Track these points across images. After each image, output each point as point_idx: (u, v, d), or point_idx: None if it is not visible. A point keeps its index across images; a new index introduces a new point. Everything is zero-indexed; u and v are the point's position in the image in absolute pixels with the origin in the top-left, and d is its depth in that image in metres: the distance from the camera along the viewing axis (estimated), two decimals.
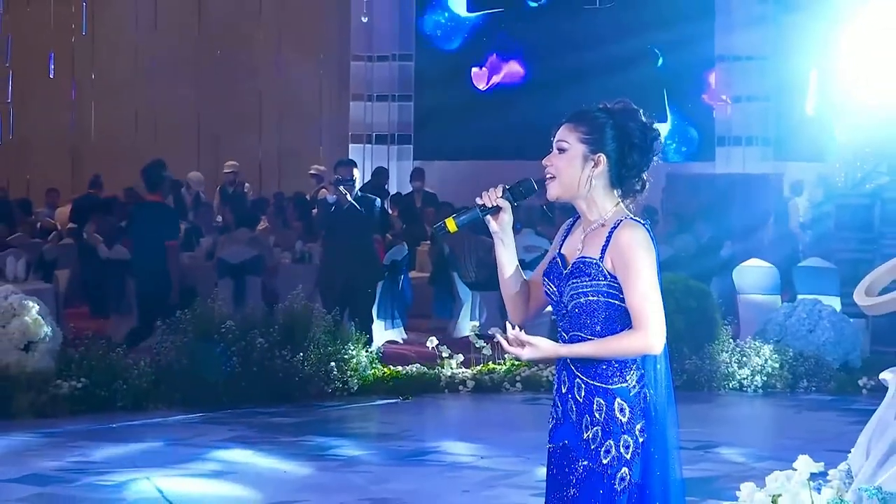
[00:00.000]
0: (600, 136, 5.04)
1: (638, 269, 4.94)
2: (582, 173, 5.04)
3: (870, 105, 19.71)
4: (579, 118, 5.08)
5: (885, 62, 19.51)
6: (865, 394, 14.05)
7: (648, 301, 4.93)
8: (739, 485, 7.71)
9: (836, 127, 21.20)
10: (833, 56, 20.80)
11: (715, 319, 15.29)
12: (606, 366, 4.98)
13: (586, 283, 4.99)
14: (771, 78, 24.11)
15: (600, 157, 5.03)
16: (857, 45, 20.07)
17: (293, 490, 10.26)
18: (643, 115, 5.11)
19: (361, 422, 13.07)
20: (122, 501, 9.82)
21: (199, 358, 13.61)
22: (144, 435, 12.21)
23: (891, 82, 19.44)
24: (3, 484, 10.29)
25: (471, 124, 25.13)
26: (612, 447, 4.96)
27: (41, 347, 13.38)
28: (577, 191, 5.06)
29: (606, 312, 4.99)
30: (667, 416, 5.09)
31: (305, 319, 14.17)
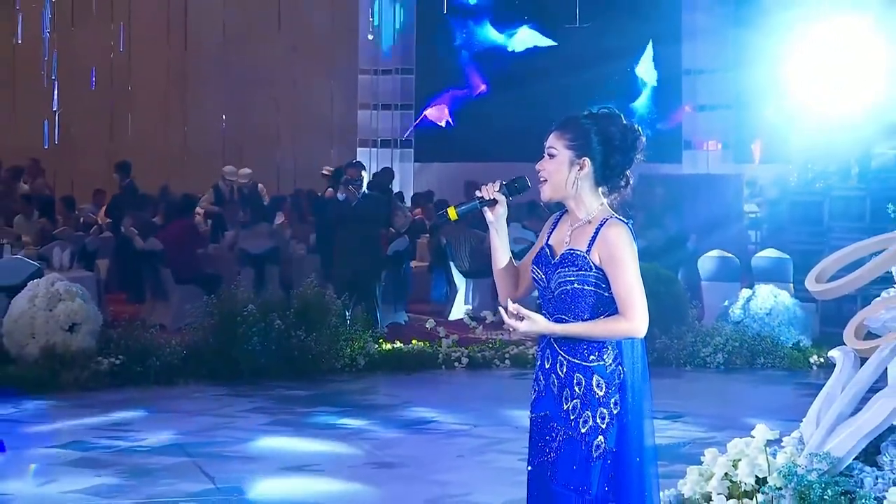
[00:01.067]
0: (585, 141, 5.06)
1: (624, 264, 4.98)
2: (569, 176, 5.07)
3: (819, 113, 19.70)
4: (565, 126, 5.10)
5: (831, 75, 19.51)
6: (815, 370, 14.08)
7: (634, 291, 4.97)
8: (704, 450, 7.73)
9: (789, 132, 21.17)
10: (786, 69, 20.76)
11: (682, 304, 15.34)
12: (586, 346, 5.02)
13: (573, 273, 5.03)
14: (731, 89, 24.11)
15: (585, 161, 5.06)
16: (807, 60, 20.05)
17: (307, 455, 10.27)
18: (625, 119, 5.13)
19: (367, 394, 13.07)
20: (155, 464, 9.81)
21: (224, 337, 13.63)
22: (175, 406, 12.23)
23: (837, 93, 19.43)
24: (52, 449, 10.33)
25: (464, 130, 25.15)
26: (589, 418, 4.99)
27: (84, 328, 13.39)
28: (566, 191, 5.09)
29: (594, 300, 5.02)
30: (642, 390, 5.12)
31: (318, 304, 14.17)
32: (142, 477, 9.42)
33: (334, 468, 9.84)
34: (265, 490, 9.08)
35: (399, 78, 27.07)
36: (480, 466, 9.75)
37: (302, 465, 9.90)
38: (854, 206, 18.06)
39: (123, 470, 9.64)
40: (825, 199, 18.63)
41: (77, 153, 25.86)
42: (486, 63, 26.16)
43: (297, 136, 26.34)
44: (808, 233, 18.28)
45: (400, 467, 9.86)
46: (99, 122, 26.40)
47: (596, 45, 24.45)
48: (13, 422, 11.49)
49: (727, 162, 24.29)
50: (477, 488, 8.73)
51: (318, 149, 26.35)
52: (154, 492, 9.00)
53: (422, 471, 9.66)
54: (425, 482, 9.24)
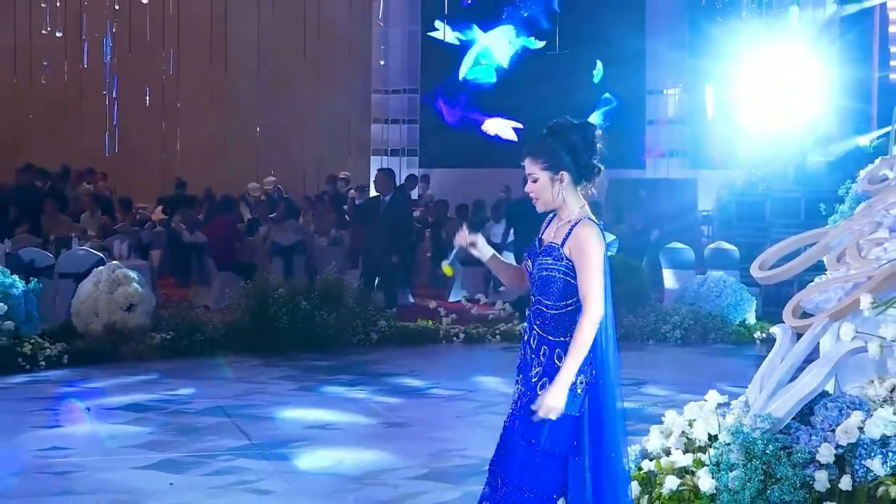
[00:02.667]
0: (556, 159, 5.09)
1: (589, 258, 4.99)
2: (553, 191, 5.11)
3: (762, 126, 19.73)
4: (535, 152, 5.14)
5: (772, 94, 19.53)
6: (758, 344, 14.08)
7: (593, 282, 4.97)
8: (664, 412, 7.73)
9: (736, 143, 21.18)
10: (734, 90, 20.78)
11: (645, 288, 15.36)
12: (555, 325, 5.05)
13: (549, 262, 5.07)
14: (687, 106, 24.09)
15: (563, 175, 5.09)
16: (751, 82, 20.07)
17: (327, 416, 10.27)
18: (576, 121, 5.18)
19: (379, 365, 13.06)
20: (200, 423, 9.82)
21: (258, 316, 13.63)
22: (217, 374, 12.24)
23: (777, 110, 19.46)
24: (112, 410, 10.34)
25: (462, 141, 25.11)
26: (546, 384, 4.98)
27: (140, 309, 13.39)
28: (554, 203, 5.13)
29: (563, 286, 5.04)
30: (606, 365, 5.09)
31: (338, 288, 14.17)
32: (189, 434, 9.44)
33: (351, 427, 9.86)
34: (293, 446, 9.08)
35: (406, 97, 27.06)
36: (474, 426, 9.75)
37: (324, 425, 9.91)
38: (791, 206, 18.09)
39: (173, 428, 9.66)
40: (767, 200, 18.68)
41: (133, 161, 25.84)
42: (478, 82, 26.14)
43: (320, 146, 26.33)
44: (753, 228, 18.32)
45: (406, 427, 9.87)
46: (151, 134, 26.39)
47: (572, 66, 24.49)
48: (82, 387, 11.52)
49: (684, 168, 24.26)
50: (471, 444, 8.71)
51: (338, 157, 26.38)
52: (199, 447, 9.01)
53: (425, 429, 9.66)
54: (428, 439, 9.25)
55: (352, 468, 8.37)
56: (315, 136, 26.41)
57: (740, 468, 6.30)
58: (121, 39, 25.91)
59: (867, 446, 6.33)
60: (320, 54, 26.71)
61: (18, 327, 12.50)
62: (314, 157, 26.54)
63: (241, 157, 26.02)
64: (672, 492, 6.62)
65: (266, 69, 27.08)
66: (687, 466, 6.85)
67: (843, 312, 7.05)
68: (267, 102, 26.75)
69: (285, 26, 26.85)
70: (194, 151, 26.18)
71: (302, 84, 26.67)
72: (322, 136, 26.32)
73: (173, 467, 8.34)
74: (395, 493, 7.66)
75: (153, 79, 26.43)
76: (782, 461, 6.26)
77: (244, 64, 27.13)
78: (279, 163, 25.52)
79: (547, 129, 5.17)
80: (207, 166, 24.92)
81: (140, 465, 8.41)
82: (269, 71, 27.06)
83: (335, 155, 26.38)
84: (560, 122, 5.17)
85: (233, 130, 26.79)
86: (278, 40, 26.86)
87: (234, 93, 27.03)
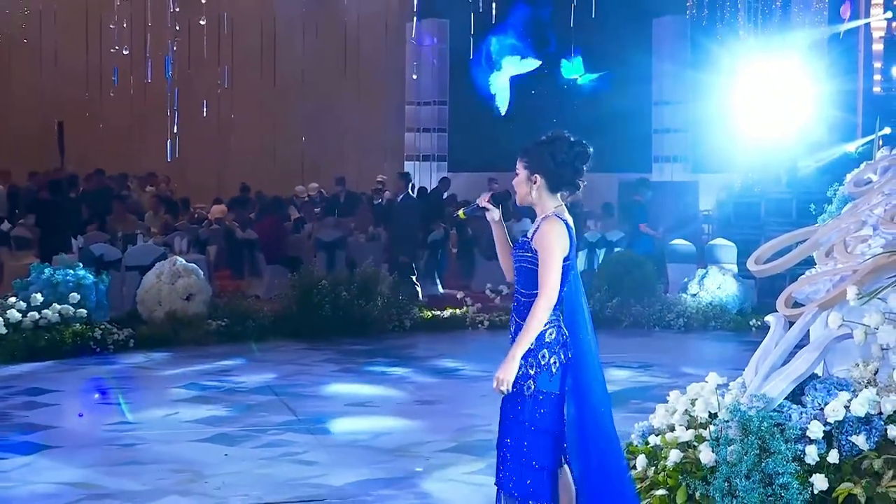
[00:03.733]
0: (538, 163, 5.17)
1: (548, 250, 5.04)
2: (527, 188, 5.20)
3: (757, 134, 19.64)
4: (525, 152, 5.25)
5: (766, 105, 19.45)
6: (754, 331, 13.99)
7: (547, 271, 5.02)
8: (669, 392, 7.70)
9: (734, 149, 21.11)
10: (732, 101, 20.69)
11: (651, 280, 15.28)
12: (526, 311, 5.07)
13: (522, 254, 5.17)
14: (690, 116, 23.99)
15: (537, 177, 5.17)
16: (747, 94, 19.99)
17: (365, 395, 10.30)
18: (570, 138, 5.22)
19: (411, 349, 13.08)
20: (251, 401, 9.85)
21: (303, 305, 13.65)
22: (266, 357, 12.27)
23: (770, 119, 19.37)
24: (174, 389, 10.38)
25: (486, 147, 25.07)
26: (522, 366, 5.08)
27: (198, 298, 13.44)
28: (529, 199, 5.22)
29: (534, 275, 5.10)
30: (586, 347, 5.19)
31: (375, 280, 14.17)
32: (242, 410, 9.47)
33: (386, 405, 9.87)
34: (334, 421, 9.10)
35: (436, 108, 27.06)
36: (497, 403, 9.70)
37: (362, 402, 9.92)
38: (784, 206, 17.98)
39: (228, 405, 9.69)
40: (762, 201, 18.58)
41: (191, 166, 25.97)
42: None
43: (359, 153, 26.37)
44: (749, 226, 18.22)
45: (436, 404, 9.87)
46: (207, 142, 26.50)
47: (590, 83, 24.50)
48: (146, 368, 11.58)
49: (686, 172, 24.19)
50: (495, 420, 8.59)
51: (375, 162, 26.41)
52: (251, 422, 9.04)
53: (453, 407, 9.66)
54: (456, 416, 9.24)
55: (387, 441, 8.38)
56: (354, 143, 26.45)
57: (738, 443, 6.28)
58: (181, 57, 26.05)
59: (852, 423, 6.30)
60: (359, 71, 26.80)
61: (90, 314, 12.57)
62: (354, 162, 26.58)
63: (287, 163, 26.11)
64: (676, 464, 6.60)
65: (310, 84, 27.15)
66: (689, 441, 6.84)
67: (831, 302, 7.02)
68: (311, 114, 26.82)
69: (328, 46, 26.94)
70: (246, 157, 26.28)
71: (342, 97, 26.73)
72: (360, 144, 26.37)
73: (227, 440, 8.37)
74: (427, 463, 7.67)
75: (209, 93, 26.57)
76: (776, 437, 6.24)
77: (291, 79, 27.22)
78: (322, 167, 25.57)
79: (545, 136, 5.25)
80: (258, 171, 24.99)
81: (197, 438, 8.44)
82: (313, 85, 27.13)
83: (372, 160, 26.42)
84: (556, 134, 5.24)
85: (280, 139, 26.89)
86: (322, 58, 26.94)
87: (282, 105, 27.10)
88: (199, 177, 25.59)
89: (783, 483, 6.10)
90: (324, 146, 26.73)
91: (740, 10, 20.89)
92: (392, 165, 26.51)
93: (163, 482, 7.18)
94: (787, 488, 6.10)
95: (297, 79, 27.19)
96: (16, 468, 7.53)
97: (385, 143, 27.18)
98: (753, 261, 7.80)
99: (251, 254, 17.28)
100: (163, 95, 25.94)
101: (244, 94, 27.13)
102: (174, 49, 25.80)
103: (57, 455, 7.89)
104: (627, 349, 12.75)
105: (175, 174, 24.46)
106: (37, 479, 7.25)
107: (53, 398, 9.88)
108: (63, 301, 12.36)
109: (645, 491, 6.58)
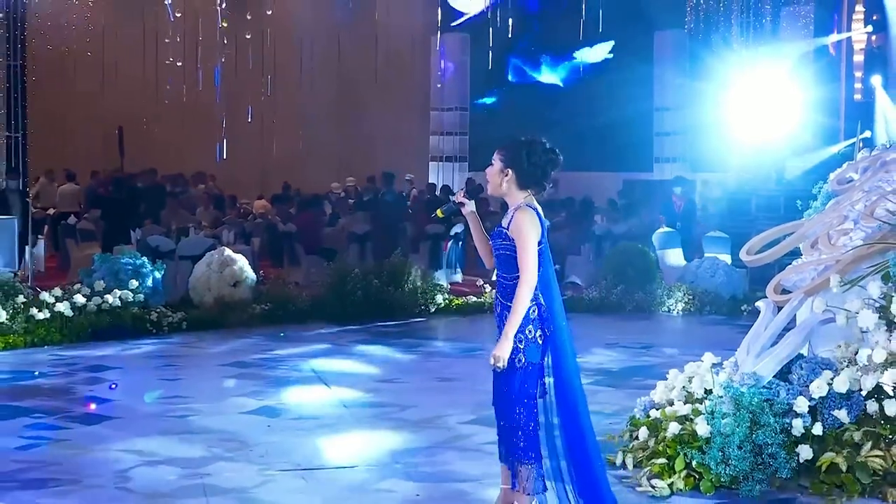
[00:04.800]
0: (511, 158, 5.24)
1: (524, 236, 5.12)
2: (499, 180, 5.28)
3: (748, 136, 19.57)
4: (502, 147, 5.33)
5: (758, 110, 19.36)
6: (746, 315, 13.88)
7: (525, 256, 5.10)
8: (668, 370, 7.68)
9: (729, 150, 21.04)
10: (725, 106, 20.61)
11: (652, 269, 15.21)
12: (510, 293, 5.16)
13: (500, 242, 5.24)
14: (688, 120, 23.88)
15: (509, 171, 5.24)
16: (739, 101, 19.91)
17: (393, 371, 10.29)
18: (546, 144, 5.28)
19: (436, 331, 13.08)
20: (290, 376, 9.87)
21: (338, 291, 13.66)
22: (305, 338, 12.28)
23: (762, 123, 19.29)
24: (221, 367, 10.41)
25: None
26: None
27: (244, 285, 13.47)
28: (499, 190, 5.30)
29: (512, 261, 5.17)
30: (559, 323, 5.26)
31: (402, 269, 14.17)
32: (283, 385, 9.48)
33: (411, 381, 9.86)
34: (365, 395, 9.11)
35: (458, 113, 27.07)
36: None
37: (391, 379, 9.90)
38: (773, 202, 17.94)
39: (270, 380, 9.71)
40: (753, 197, 18.52)
41: (237, 165, 26.05)
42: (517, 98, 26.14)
43: (387, 154, 26.31)
44: (741, 220, 18.15)
45: (456, 381, 9.86)
46: (252, 144, 26.60)
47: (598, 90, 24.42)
48: (197, 347, 11.62)
49: (685, 171, 24.09)
50: None
51: (402, 163, 26.38)
52: (290, 396, 9.06)
53: (471, 383, 9.62)
54: (474, 391, 9.20)
55: (413, 414, 8.38)
56: (383, 145, 26.45)
57: (731, 416, 6.26)
58: (228, 68, 26.12)
59: (835, 399, 6.28)
60: (388, 79, 26.80)
61: (147, 299, 12.62)
62: (383, 163, 26.57)
63: (323, 163, 26.12)
64: (675, 435, 6.59)
65: (344, 92, 27.21)
66: (687, 415, 6.82)
67: (816, 289, 6.99)
68: (344, 119, 26.89)
69: (359, 57, 26.97)
70: (286, 158, 26.33)
71: (373, 103, 26.75)
72: (389, 146, 26.35)
73: (270, 412, 8.39)
74: (449, 434, 7.67)
75: (254, 100, 26.64)
76: (765, 411, 6.22)
77: (327, 88, 27.28)
78: (354, 168, 25.58)
79: (524, 138, 5.31)
80: (297, 170, 25.00)
81: (243, 410, 8.46)
82: (346, 93, 27.19)
83: (400, 161, 26.39)
84: (534, 138, 5.31)
85: (317, 141, 26.93)
86: (354, 69, 26.98)
87: (319, 111, 27.16)
88: (244, 176, 25.65)
89: (772, 453, 6.08)
90: (356, 148, 26.76)
91: (734, 25, 20.83)
92: (419, 165, 26.53)
93: (212, 450, 7.21)
94: (776, 457, 6.08)
95: (332, 88, 27.24)
96: (80, 437, 7.57)
97: (412, 145, 27.16)
98: (745, 251, 7.77)
99: (291, 245, 17.30)
100: (212, 103, 26.01)
101: (284, 102, 27.19)
102: (222, 61, 25.87)
103: (116, 425, 7.93)
104: (630, 332, 12.71)
105: (223, 173, 24.52)
106: (98, 447, 7.29)
107: (114, 374, 9.93)
108: (123, 287, 12.42)
109: (646, 459, 6.57)
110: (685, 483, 6.22)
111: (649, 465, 6.44)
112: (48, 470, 6.69)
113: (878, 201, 7.14)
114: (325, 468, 6.86)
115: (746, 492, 6.05)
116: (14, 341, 11.20)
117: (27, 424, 7.89)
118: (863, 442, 6.07)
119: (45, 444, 7.34)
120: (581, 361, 10.25)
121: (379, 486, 6.45)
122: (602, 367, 10.42)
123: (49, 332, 11.53)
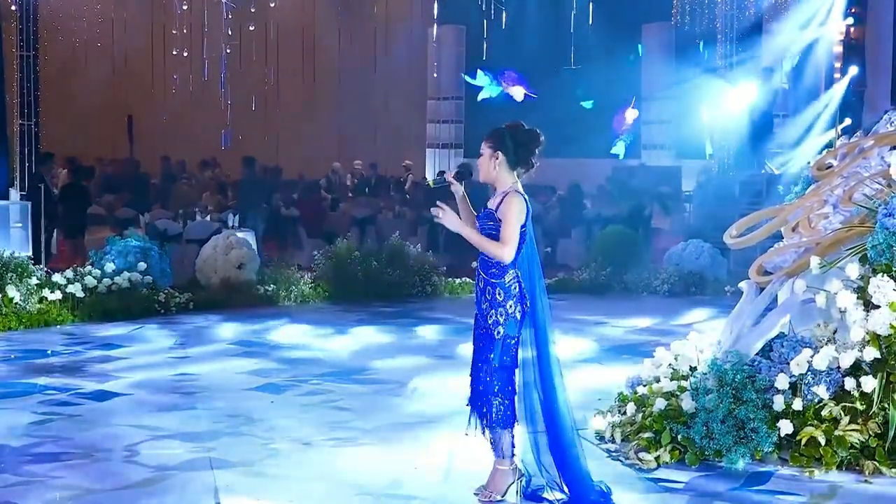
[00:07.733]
0: (499, 143, 5.34)
1: (510, 219, 5.22)
2: (490, 165, 5.36)
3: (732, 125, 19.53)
4: (490, 135, 5.42)
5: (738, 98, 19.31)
6: (729, 296, 13.92)
7: (509, 236, 5.22)
8: (655, 348, 7.68)
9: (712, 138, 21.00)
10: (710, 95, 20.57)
11: (641, 251, 15.24)
12: (495, 269, 5.31)
13: (486, 223, 5.33)
14: (674, 109, 23.80)
15: (498, 154, 5.33)
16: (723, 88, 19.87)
17: (391, 349, 10.30)
18: (526, 126, 5.40)
19: (432, 312, 13.04)
20: (293, 356, 9.86)
21: (339, 273, 13.65)
22: (307, 318, 12.27)
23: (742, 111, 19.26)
24: (228, 345, 10.41)
25: None
26: (493, 314, 5.32)
27: (248, 267, 13.46)
28: (490, 175, 5.39)
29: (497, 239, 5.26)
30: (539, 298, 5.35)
31: (400, 251, 14.17)
32: (285, 363, 9.48)
33: (413, 356, 9.87)
34: (366, 374, 9.11)
35: (454, 102, 27.03)
36: None
37: (390, 356, 9.90)
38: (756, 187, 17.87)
39: (274, 358, 9.71)
40: (735, 183, 18.46)
41: (243, 152, 25.90)
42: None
43: (387, 141, 26.31)
44: (725, 205, 18.09)
45: (454, 358, 9.84)
46: (257, 132, 26.50)
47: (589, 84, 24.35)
48: (203, 327, 11.60)
49: (671, 158, 24.08)
50: None
51: (401, 150, 26.39)
52: (294, 373, 9.05)
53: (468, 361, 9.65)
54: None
55: (412, 390, 8.38)
56: (383, 133, 26.40)
57: (714, 392, 6.26)
58: (233, 58, 26.01)
59: (814, 376, 6.28)
60: (387, 70, 26.74)
61: (155, 281, 12.61)
62: (383, 149, 26.57)
63: (326, 150, 26.06)
64: (661, 410, 6.59)
65: (345, 82, 27.16)
66: (673, 391, 6.82)
67: (797, 271, 6.98)
68: (346, 108, 26.80)
69: (360, 48, 26.94)
70: (290, 145, 26.29)
71: (373, 93, 26.71)
72: (388, 134, 26.31)
73: (273, 389, 8.39)
74: (447, 409, 7.65)
75: (258, 89, 26.55)
76: (748, 387, 6.22)
77: (328, 78, 27.24)
78: (356, 155, 25.53)
79: (506, 124, 5.41)
80: (300, 157, 24.95)
81: (247, 387, 8.46)
82: (347, 83, 27.14)
83: (399, 148, 26.38)
84: (516, 122, 5.42)
85: (319, 129, 26.85)
86: (355, 60, 26.94)
87: (321, 100, 27.11)
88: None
89: (754, 427, 6.08)
90: (357, 136, 26.73)
91: (718, 18, 20.72)
92: (417, 152, 26.50)
93: (218, 425, 7.20)
94: (758, 432, 6.08)
95: (333, 77, 27.19)
96: (91, 412, 7.56)
97: (410, 133, 27.12)
98: (729, 235, 7.76)
99: (294, 229, 17.28)
100: (217, 92, 25.88)
101: (288, 91, 27.12)
102: (227, 52, 25.74)
103: (126, 401, 7.92)
104: (619, 311, 12.71)
105: (228, 160, 24.44)
106: (110, 421, 7.28)
107: (124, 353, 9.91)
108: (132, 269, 12.41)
109: (634, 433, 6.56)
110: (671, 456, 6.22)
111: (636, 440, 6.44)
112: (60, 444, 6.68)
113: (856, 186, 7.13)
114: (328, 442, 6.85)
115: (729, 464, 6.06)
116: (28, 321, 11.19)
117: (40, 401, 7.89)
118: (840, 416, 6.07)
119: (58, 420, 7.34)
120: (571, 340, 10.31)
121: (381, 458, 6.44)
122: (592, 345, 10.42)
123: (61, 312, 11.52)
